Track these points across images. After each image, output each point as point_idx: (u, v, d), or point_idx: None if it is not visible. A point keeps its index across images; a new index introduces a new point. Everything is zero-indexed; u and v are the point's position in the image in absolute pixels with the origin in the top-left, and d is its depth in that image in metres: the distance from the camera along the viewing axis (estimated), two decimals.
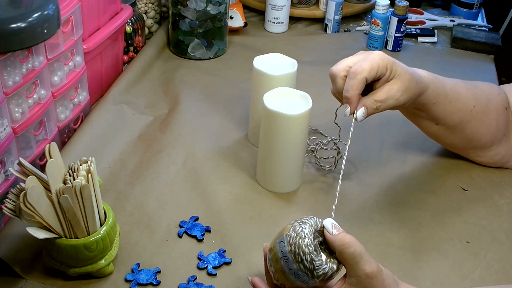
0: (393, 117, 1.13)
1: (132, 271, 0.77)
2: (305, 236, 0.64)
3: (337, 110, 0.86)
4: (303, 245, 0.64)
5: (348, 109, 0.78)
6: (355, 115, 0.78)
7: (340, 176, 0.75)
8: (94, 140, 0.99)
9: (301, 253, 0.64)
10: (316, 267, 0.63)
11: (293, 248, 0.64)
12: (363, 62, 0.77)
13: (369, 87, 0.79)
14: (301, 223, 0.66)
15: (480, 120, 0.91)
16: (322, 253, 0.64)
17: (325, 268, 0.64)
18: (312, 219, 0.67)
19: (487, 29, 1.49)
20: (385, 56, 0.79)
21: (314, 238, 0.65)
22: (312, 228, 0.66)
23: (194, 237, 0.83)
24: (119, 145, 1.00)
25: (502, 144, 0.96)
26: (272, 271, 0.68)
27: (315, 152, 1.00)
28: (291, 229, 0.66)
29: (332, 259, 0.64)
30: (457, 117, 0.90)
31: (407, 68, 0.81)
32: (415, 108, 0.87)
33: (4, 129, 0.79)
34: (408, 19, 1.34)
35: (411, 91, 0.80)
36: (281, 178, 0.92)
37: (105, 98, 1.09)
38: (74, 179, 0.72)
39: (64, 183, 0.72)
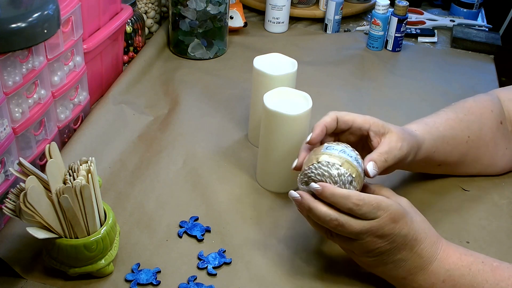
0: (393, 117, 1.13)
1: (132, 271, 0.77)
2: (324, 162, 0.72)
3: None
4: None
5: (309, 136, 0.78)
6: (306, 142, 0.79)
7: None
8: (94, 140, 0.99)
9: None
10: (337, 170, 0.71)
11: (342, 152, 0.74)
12: (357, 118, 0.80)
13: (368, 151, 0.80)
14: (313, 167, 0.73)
15: (476, 147, 0.92)
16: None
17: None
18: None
19: (487, 29, 1.49)
20: (373, 118, 0.80)
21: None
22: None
23: (194, 237, 0.83)
24: (119, 145, 1.00)
25: (505, 155, 0.95)
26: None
27: None
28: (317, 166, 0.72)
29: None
30: (455, 153, 0.91)
31: (397, 126, 0.82)
32: (421, 161, 0.86)
33: (4, 129, 0.79)
34: (408, 19, 1.34)
35: (409, 141, 0.80)
36: (281, 178, 0.92)
37: (105, 98, 1.09)
38: (74, 179, 0.72)
39: (64, 183, 0.72)
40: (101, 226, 0.75)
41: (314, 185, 0.70)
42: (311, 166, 0.72)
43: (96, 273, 0.76)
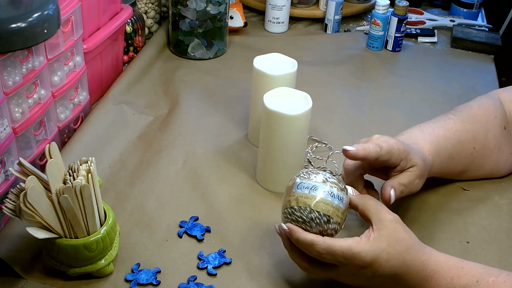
0: (393, 117, 1.13)
1: (132, 271, 0.77)
2: (312, 173, 0.72)
3: None
4: (320, 172, 0.72)
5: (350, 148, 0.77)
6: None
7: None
8: (94, 140, 0.99)
9: (327, 176, 0.72)
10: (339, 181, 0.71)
11: (324, 176, 0.72)
12: (381, 143, 0.78)
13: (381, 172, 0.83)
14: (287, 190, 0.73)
15: (481, 156, 0.92)
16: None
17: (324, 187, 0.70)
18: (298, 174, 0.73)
19: (487, 29, 1.49)
20: (402, 145, 0.79)
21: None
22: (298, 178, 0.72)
23: (194, 237, 0.83)
24: (119, 145, 1.00)
25: (509, 159, 0.95)
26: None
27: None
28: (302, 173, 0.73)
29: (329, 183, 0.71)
30: (459, 167, 0.92)
31: (420, 154, 0.81)
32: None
33: (4, 129, 0.79)
34: (408, 19, 1.34)
35: (425, 177, 0.83)
36: (281, 178, 0.92)
37: (105, 98, 1.09)
38: (74, 179, 0.72)
39: (64, 183, 0.72)
40: (101, 226, 0.75)
41: (283, 225, 0.71)
42: (285, 211, 0.73)
43: (96, 273, 0.76)
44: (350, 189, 0.73)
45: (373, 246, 0.68)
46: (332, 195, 0.70)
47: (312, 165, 0.99)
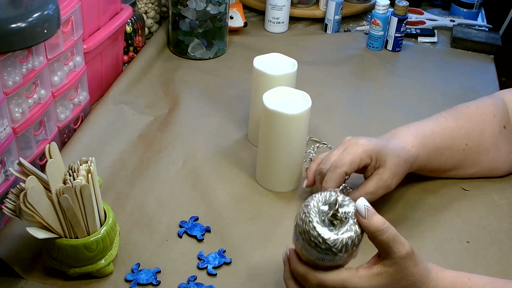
0: (393, 117, 1.13)
1: (132, 271, 0.77)
2: (310, 220, 0.63)
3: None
4: (311, 230, 0.63)
5: (305, 183, 0.86)
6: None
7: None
8: (94, 140, 0.99)
9: (312, 237, 0.63)
10: (332, 244, 0.62)
11: (305, 237, 0.64)
12: (345, 155, 0.80)
13: (362, 170, 0.83)
14: (304, 207, 0.65)
15: (476, 152, 0.92)
16: (334, 228, 0.63)
17: (342, 240, 0.62)
18: (320, 194, 0.65)
19: (487, 29, 1.49)
20: (370, 145, 0.80)
21: (323, 215, 0.64)
22: (319, 203, 0.65)
23: (194, 237, 0.83)
24: (119, 145, 1.00)
25: (508, 159, 0.95)
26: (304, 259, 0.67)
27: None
28: (298, 217, 0.65)
29: (348, 228, 0.63)
30: (450, 162, 0.91)
31: (395, 149, 0.82)
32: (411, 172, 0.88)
33: (4, 129, 0.79)
34: (408, 19, 1.34)
35: (400, 173, 0.82)
36: (281, 177, 0.92)
37: (105, 98, 1.09)
38: (74, 179, 0.72)
39: (64, 183, 0.72)
40: (101, 226, 0.75)
41: (287, 250, 0.69)
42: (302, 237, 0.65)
43: (96, 273, 0.76)
44: (362, 205, 0.64)
45: (371, 281, 0.64)
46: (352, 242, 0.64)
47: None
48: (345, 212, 0.65)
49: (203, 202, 0.90)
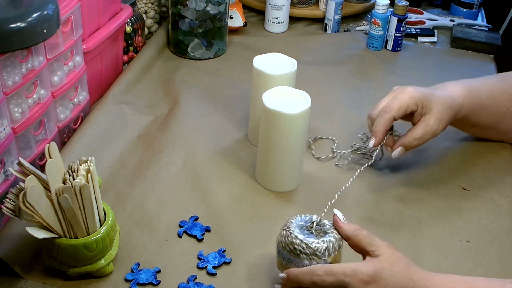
0: None
1: (132, 271, 0.77)
2: (291, 232, 0.70)
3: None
4: (293, 239, 0.69)
5: (372, 142, 0.87)
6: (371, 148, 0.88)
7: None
8: (94, 140, 0.99)
9: (295, 245, 0.69)
10: (316, 248, 0.68)
11: (289, 248, 0.70)
12: (393, 102, 0.87)
13: (410, 117, 0.89)
14: (284, 227, 0.72)
15: None
16: (314, 237, 0.70)
17: (323, 244, 0.69)
18: (295, 218, 0.73)
19: (487, 29, 1.49)
20: (416, 92, 0.88)
21: (301, 229, 0.71)
22: (298, 222, 0.72)
23: (194, 236, 0.83)
24: (119, 145, 1.00)
25: None
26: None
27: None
28: (278, 238, 0.72)
29: (327, 235, 0.70)
30: (491, 119, 0.96)
31: (441, 97, 0.89)
32: (455, 122, 0.94)
33: (4, 129, 0.79)
34: (408, 19, 1.34)
35: (445, 119, 0.88)
36: (281, 177, 0.92)
37: (105, 98, 1.09)
38: (73, 179, 0.72)
39: (64, 183, 0.72)
40: (100, 226, 0.75)
41: (280, 275, 0.70)
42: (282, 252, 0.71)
43: (96, 273, 0.76)
44: (340, 215, 0.71)
45: (373, 263, 0.66)
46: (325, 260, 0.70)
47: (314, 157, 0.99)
48: (321, 228, 0.72)
49: (203, 202, 0.90)
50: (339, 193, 0.76)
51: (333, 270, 0.65)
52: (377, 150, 0.90)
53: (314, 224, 0.72)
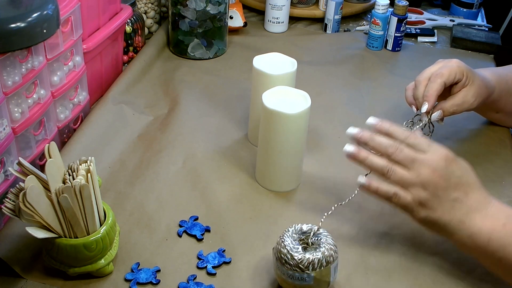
0: (393, 117, 1.13)
1: (132, 271, 0.77)
2: (282, 240, 0.73)
3: (413, 118, 0.96)
4: (282, 248, 0.72)
5: (426, 106, 0.91)
6: (429, 116, 0.92)
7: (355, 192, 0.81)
8: (94, 140, 0.99)
9: (282, 254, 0.71)
10: (299, 260, 0.70)
11: (278, 256, 0.72)
12: (443, 69, 0.91)
13: (447, 92, 0.93)
14: (282, 233, 0.74)
15: None
16: (302, 249, 0.72)
17: (308, 259, 0.70)
18: (295, 225, 0.75)
19: (487, 29, 1.49)
20: (462, 64, 0.92)
21: (295, 239, 0.73)
22: (294, 232, 0.74)
23: (194, 236, 0.83)
24: (119, 145, 1.00)
25: None
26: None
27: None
28: (276, 246, 0.74)
29: (317, 251, 0.71)
30: None
31: (479, 74, 0.94)
32: (483, 106, 0.98)
33: (4, 129, 0.79)
34: (408, 19, 1.34)
35: (482, 96, 0.94)
36: (281, 177, 0.92)
37: (105, 98, 1.09)
38: (73, 179, 0.72)
39: (64, 182, 0.72)
40: (100, 225, 0.75)
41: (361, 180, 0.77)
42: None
43: (95, 273, 0.76)
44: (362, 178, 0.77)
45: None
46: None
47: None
48: (317, 240, 0.73)
49: (203, 201, 0.90)
50: (346, 200, 0.80)
51: (416, 135, 0.75)
52: (427, 125, 0.93)
53: (306, 233, 0.74)
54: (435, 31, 1.47)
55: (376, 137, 0.77)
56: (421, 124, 0.91)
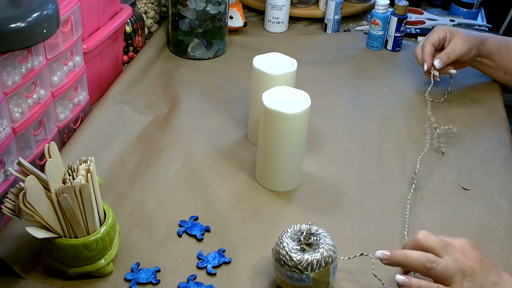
0: (393, 117, 1.13)
1: (132, 271, 0.77)
2: (281, 241, 0.73)
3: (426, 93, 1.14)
4: (280, 249, 0.72)
5: (425, 66, 1.14)
6: (432, 73, 1.15)
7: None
8: (94, 140, 0.99)
9: (281, 255, 0.71)
10: (298, 262, 0.70)
11: (277, 257, 0.72)
12: (428, 35, 1.17)
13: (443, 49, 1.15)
14: (281, 234, 0.74)
15: None
16: (301, 250, 0.72)
17: (307, 260, 0.70)
18: (295, 226, 0.75)
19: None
20: (444, 26, 1.18)
21: (295, 241, 0.73)
22: (293, 232, 0.74)
23: (194, 236, 0.83)
24: (119, 145, 1.00)
25: None
26: None
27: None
28: (275, 247, 0.74)
29: (315, 251, 0.71)
30: None
31: (465, 30, 1.17)
32: (484, 57, 1.18)
33: (4, 129, 0.79)
34: (407, 19, 1.34)
35: (470, 41, 1.13)
36: (281, 177, 0.92)
37: (105, 98, 1.09)
38: (73, 179, 0.72)
39: (64, 182, 0.72)
40: (100, 225, 0.75)
41: (378, 253, 0.70)
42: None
43: (95, 273, 0.76)
44: (379, 254, 0.71)
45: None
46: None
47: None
48: (316, 240, 0.73)
49: (203, 201, 0.90)
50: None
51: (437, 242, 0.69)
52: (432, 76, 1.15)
53: (304, 233, 0.74)
54: None
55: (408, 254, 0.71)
56: (437, 131, 1.04)
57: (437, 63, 1.13)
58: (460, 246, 0.69)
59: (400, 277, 0.69)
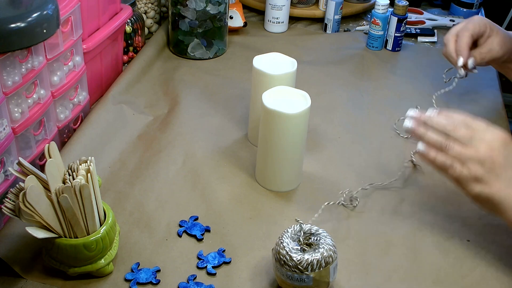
0: (393, 117, 1.13)
1: (132, 271, 0.77)
2: (281, 241, 0.73)
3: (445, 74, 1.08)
4: (281, 249, 0.72)
5: (461, 60, 1.00)
6: (461, 66, 1.01)
7: None
8: (94, 140, 0.99)
9: (281, 255, 0.71)
10: (298, 262, 0.70)
11: (277, 257, 0.72)
12: (468, 24, 1.01)
13: (475, 45, 1.03)
14: (281, 234, 0.74)
15: None
16: (301, 250, 0.72)
17: (307, 260, 0.70)
18: (295, 226, 0.75)
19: None
20: (484, 18, 1.02)
21: (295, 241, 0.73)
22: (293, 232, 0.74)
23: (194, 236, 0.83)
24: (119, 145, 1.00)
25: None
26: None
27: None
28: (275, 247, 0.74)
29: (315, 251, 0.71)
30: None
31: (502, 29, 1.04)
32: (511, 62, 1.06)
33: (4, 129, 0.79)
34: (407, 19, 1.34)
35: (507, 44, 1.02)
36: (281, 177, 0.92)
37: (104, 98, 1.09)
38: (73, 179, 0.72)
39: (64, 182, 0.72)
40: (100, 225, 0.75)
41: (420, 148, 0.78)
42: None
43: (95, 273, 0.76)
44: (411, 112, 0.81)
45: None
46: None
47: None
48: (316, 240, 0.73)
49: (203, 201, 0.90)
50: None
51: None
52: (461, 70, 1.02)
53: (302, 233, 0.74)
54: (435, 31, 1.47)
55: (434, 117, 0.79)
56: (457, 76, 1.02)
57: (470, 62, 1.00)
58: (491, 139, 0.74)
59: (421, 146, 0.77)
